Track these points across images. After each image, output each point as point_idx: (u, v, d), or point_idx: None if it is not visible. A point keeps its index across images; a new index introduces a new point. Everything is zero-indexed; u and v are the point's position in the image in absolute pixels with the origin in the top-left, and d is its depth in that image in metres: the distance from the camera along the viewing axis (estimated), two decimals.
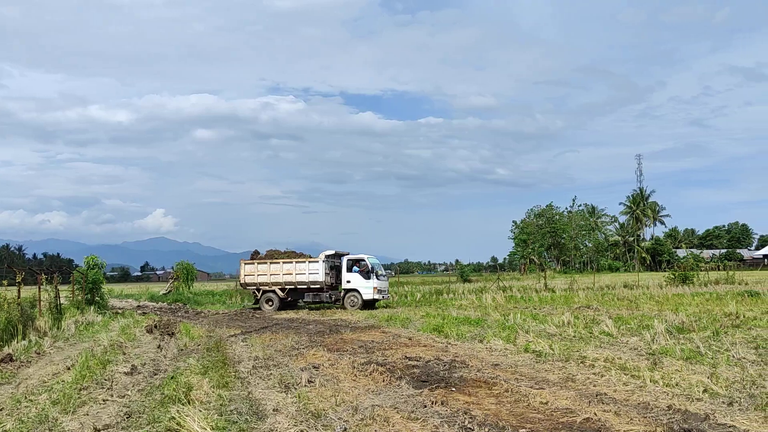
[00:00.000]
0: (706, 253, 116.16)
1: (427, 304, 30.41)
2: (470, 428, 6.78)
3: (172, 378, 9.88)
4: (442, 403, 8.06)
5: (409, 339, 15.35)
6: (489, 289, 39.31)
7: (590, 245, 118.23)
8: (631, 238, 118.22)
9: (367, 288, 27.82)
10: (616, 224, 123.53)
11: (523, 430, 6.65)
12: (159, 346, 14.77)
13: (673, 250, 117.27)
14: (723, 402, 7.95)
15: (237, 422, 7.23)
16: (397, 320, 20.45)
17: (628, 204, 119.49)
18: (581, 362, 11.16)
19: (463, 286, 47.37)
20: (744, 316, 18.37)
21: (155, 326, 19.48)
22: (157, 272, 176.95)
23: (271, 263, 29.47)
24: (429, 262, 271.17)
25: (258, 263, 29.77)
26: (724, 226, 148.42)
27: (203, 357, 12.69)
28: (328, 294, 28.73)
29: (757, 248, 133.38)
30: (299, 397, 8.52)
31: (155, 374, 10.86)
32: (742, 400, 8.00)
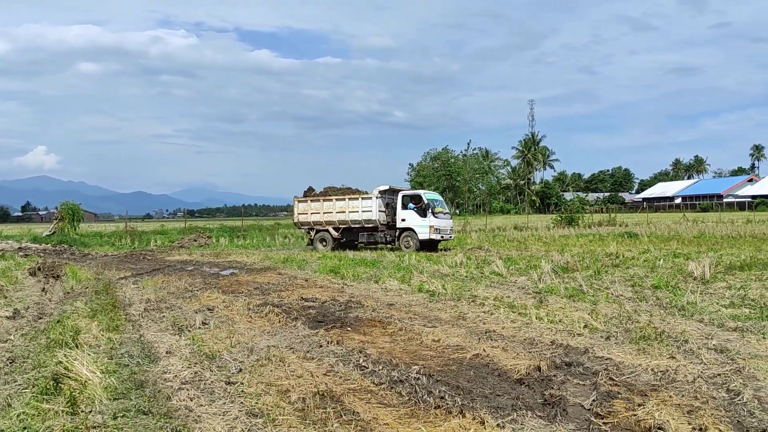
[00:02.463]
0: (591, 197, 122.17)
1: None
2: (365, 366, 6.92)
3: (58, 322, 9.50)
4: (337, 343, 8.17)
5: (306, 280, 15.39)
6: None
7: (483, 188, 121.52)
8: (522, 182, 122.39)
9: (422, 227, 25.23)
10: (509, 168, 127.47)
11: (416, 366, 6.85)
12: (43, 289, 14.17)
13: (561, 193, 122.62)
14: (601, 336, 8.45)
15: (128, 365, 7.06)
16: (293, 262, 20.43)
17: (520, 148, 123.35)
18: (472, 301, 11.55)
19: None
20: (623, 256, 19.52)
21: (39, 268, 18.63)
22: (40, 213, 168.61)
23: (324, 200, 27.59)
24: None
25: (311, 200, 28.03)
26: (608, 170, 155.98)
27: (91, 300, 12.25)
28: (383, 234, 26.61)
29: (638, 192, 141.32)
30: (193, 339, 8.41)
31: (40, 318, 10.42)
32: (618, 334, 8.53)
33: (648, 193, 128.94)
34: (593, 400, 5.72)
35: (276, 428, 5.11)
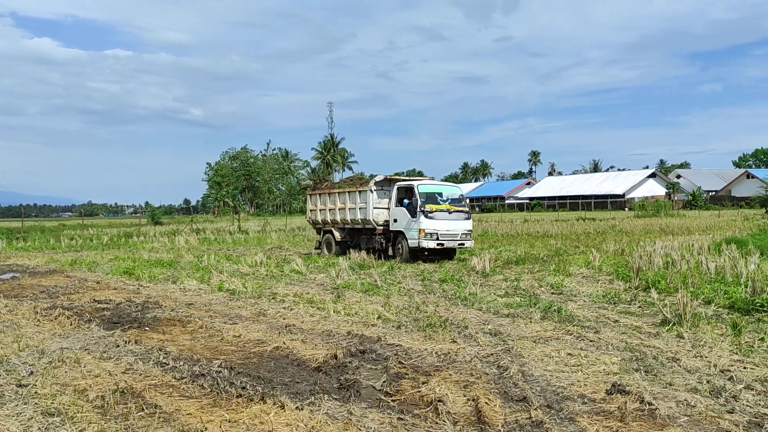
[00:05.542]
0: None
1: (115, 247, 29.11)
2: (165, 363, 6.96)
3: None
4: (136, 342, 8.08)
5: (98, 283, 14.79)
6: (182, 232, 38.85)
7: (283, 189, 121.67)
8: None
9: (412, 230, 18.78)
10: (308, 169, 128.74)
11: (217, 361, 7.01)
12: None
13: None
14: (393, 326, 9.12)
15: None
16: (82, 264, 19.41)
17: (320, 150, 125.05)
18: (273, 298, 11.83)
19: (155, 229, 46.20)
20: None
21: None
22: None
23: (329, 194, 22.46)
24: (116, 204, 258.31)
25: (320, 194, 23.06)
26: (403, 172, 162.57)
27: None
28: (379, 237, 20.46)
29: None
30: None
31: None
32: (408, 323, 9.25)
33: None
34: (384, 381, 6.25)
35: (75, 425, 5.06)
